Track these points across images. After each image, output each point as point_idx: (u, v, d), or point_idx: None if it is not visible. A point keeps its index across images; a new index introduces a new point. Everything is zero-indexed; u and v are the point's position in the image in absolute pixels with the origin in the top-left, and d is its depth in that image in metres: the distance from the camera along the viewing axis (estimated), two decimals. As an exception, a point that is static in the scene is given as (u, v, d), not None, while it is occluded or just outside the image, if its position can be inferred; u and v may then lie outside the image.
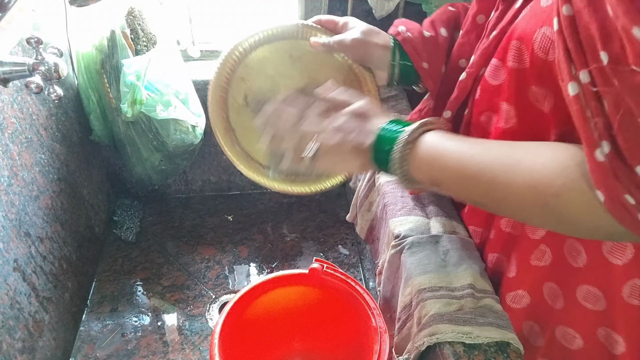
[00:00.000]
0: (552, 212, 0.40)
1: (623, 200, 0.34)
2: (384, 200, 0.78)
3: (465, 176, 0.45)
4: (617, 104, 0.32)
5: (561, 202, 0.39)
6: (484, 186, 0.44)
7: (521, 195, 0.41)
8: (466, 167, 0.45)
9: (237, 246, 1.19)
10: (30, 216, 0.83)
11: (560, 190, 0.39)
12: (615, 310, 0.52)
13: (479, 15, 0.60)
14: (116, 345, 0.96)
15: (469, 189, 0.46)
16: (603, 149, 0.34)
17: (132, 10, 0.97)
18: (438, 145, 0.48)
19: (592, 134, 0.35)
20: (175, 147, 1.03)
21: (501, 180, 0.42)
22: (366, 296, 0.75)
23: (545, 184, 0.39)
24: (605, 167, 0.34)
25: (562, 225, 0.42)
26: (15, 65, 0.69)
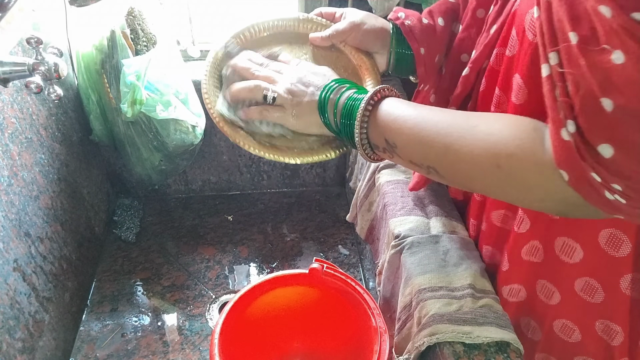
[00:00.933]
0: (505, 174, 0.40)
1: (589, 178, 0.34)
2: (384, 200, 0.78)
3: (420, 139, 0.46)
4: (577, 84, 0.33)
5: (514, 162, 0.39)
6: (439, 148, 0.44)
7: (475, 157, 0.42)
8: (422, 130, 0.46)
9: (237, 246, 1.19)
10: (30, 216, 0.83)
11: (515, 151, 0.39)
12: (613, 302, 0.53)
13: (479, 9, 0.61)
14: (116, 345, 0.96)
15: (423, 152, 0.46)
16: (568, 128, 0.34)
17: (132, 10, 0.97)
18: (395, 109, 0.49)
19: (558, 113, 0.35)
20: (175, 147, 1.03)
21: (456, 142, 0.43)
22: (366, 296, 0.75)
23: (499, 145, 0.40)
24: (570, 146, 0.35)
25: (512, 191, 0.42)
26: (15, 65, 0.69)
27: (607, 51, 0.30)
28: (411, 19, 0.64)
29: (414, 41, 0.64)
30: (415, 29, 0.64)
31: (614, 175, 0.33)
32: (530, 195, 0.41)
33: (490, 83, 0.56)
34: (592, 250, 0.52)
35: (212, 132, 1.19)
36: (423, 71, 0.66)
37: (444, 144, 0.44)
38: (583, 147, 0.34)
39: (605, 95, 0.31)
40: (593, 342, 0.57)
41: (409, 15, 0.65)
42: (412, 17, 0.65)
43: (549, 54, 0.35)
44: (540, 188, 0.39)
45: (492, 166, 0.41)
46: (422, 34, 0.64)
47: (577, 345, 0.58)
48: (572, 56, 0.33)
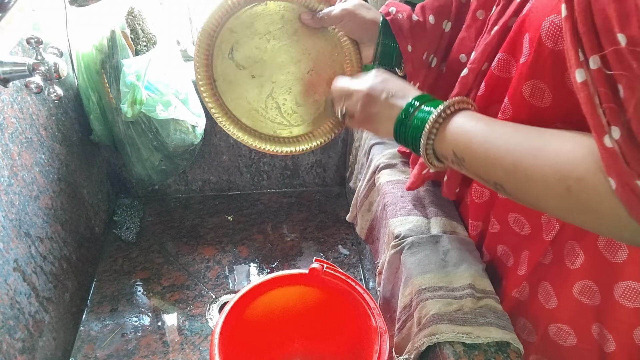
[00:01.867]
0: (574, 197, 0.39)
1: (633, 186, 0.33)
2: (384, 200, 0.78)
3: (488, 154, 0.45)
4: (632, 87, 0.32)
5: (584, 187, 0.38)
6: (508, 166, 0.43)
7: (544, 178, 0.40)
8: (491, 146, 0.45)
9: (237, 246, 1.19)
10: (30, 216, 0.83)
11: (585, 175, 0.37)
12: (607, 308, 0.53)
13: (479, 10, 0.60)
14: (116, 345, 0.96)
15: (491, 168, 0.45)
16: (612, 135, 0.34)
17: (132, 10, 0.97)
18: (465, 123, 0.48)
19: (600, 120, 0.34)
20: (175, 147, 1.03)
21: (525, 161, 0.42)
22: (366, 296, 0.75)
23: (569, 167, 0.38)
24: (614, 153, 0.34)
25: (584, 217, 0.40)
26: (15, 65, 0.69)
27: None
28: (402, 13, 0.65)
29: (402, 38, 0.64)
30: (404, 26, 0.64)
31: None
32: (601, 222, 0.39)
33: (491, 89, 0.56)
34: (592, 254, 0.52)
35: (212, 132, 1.19)
36: (411, 68, 0.66)
37: (512, 161, 0.43)
38: (630, 152, 0.33)
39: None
40: (589, 346, 0.57)
41: (400, 10, 0.65)
42: (402, 12, 0.65)
43: (590, 58, 0.34)
44: (613, 216, 0.37)
45: (562, 189, 0.39)
46: (411, 31, 0.64)
47: (571, 349, 0.58)
48: (624, 59, 0.32)
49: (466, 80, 0.58)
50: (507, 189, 0.45)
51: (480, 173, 0.47)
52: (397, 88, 0.55)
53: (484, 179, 0.47)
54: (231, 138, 1.21)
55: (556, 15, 0.43)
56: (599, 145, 0.35)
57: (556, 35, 0.44)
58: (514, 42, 0.51)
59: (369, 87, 0.56)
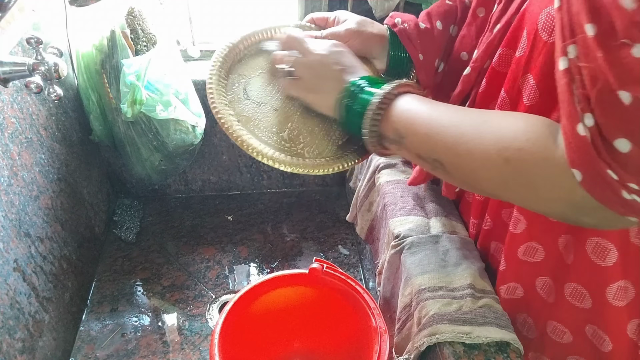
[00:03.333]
0: (512, 169, 0.39)
1: (605, 176, 0.33)
2: (384, 200, 0.78)
3: (430, 129, 0.45)
4: (594, 78, 0.32)
5: (523, 156, 0.38)
6: (448, 140, 0.44)
7: (483, 150, 0.41)
8: (433, 121, 0.45)
9: (237, 246, 1.19)
10: (30, 216, 0.83)
11: (524, 145, 0.38)
12: (600, 311, 0.53)
13: (479, 8, 0.61)
14: (116, 345, 0.96)
15: (432, 144, 0.45)
16: (585, 122, 0.33)
17: (132, 10, 0.97)
18: (409, 103, 0.48)
19: (575, 107, 0.34)
20: (175, 147, 1.03)
21: (467, 134, 0.42)
22: (366, 296, 0.75)
23: (509, 137, 0.39)
24: (586, 141, 0.33)
25: (519, 189, 0.40)
26: (15, 65, 0.69)
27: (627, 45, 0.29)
28: (408, 23, 0.64)
29: (412, 48, 0.63)
30: (412, 35, 0.63)
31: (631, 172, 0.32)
32: (537, 194, 0.39)
33: (491, 84, 0.56)
34: (580, 256, 0.51)
35: (212, 132, 1.19)
36: (424, 76, 0.65)
37: (453, 136, 0.43)
38: (599, 142, 0.33)
39: (623, 87, 0.30)
40: (584, 344, 0.57)
41: (405, 20, 0.64)
42: (409, 22, 0.64)
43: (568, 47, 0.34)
44: (548, 187, 0.38)
45: (501, 160, 0.39)
46: (421, 40, 0.64)
47: (569, 345, 0.58)
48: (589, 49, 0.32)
49: (469, 79, 0.59)
50: (446, 165, 0.45)
51: (420, 151, 0.47)
52: (349, 64, 0.55)
53: (423, 158, 0.47)
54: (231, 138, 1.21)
55: (552, 7, 0.43)
56: (570, 134, 0.35)
57: (551, 27, 0.44)
58: (513, 37, 0.51)
59: (327, 52, 0.55)
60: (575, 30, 0.34)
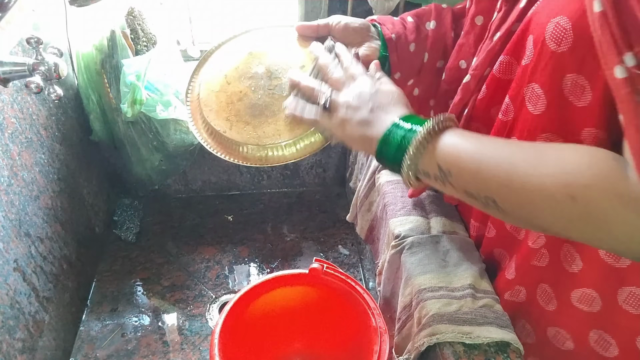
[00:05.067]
0: (580, 208, 0.36)
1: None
2: (384, 200, 0.78)
3: (479, 166, 0.42)
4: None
5: (592, 194, 0.35)
6: (501, 177, 0.40)
7: (544, 187, 0.37)
8: (482, 156, 0.42)
9: (237, 246, 1.19)
10: (30, 216, 0.83)
11: (592, 181, 0.35)
12: (609, 313, 0.52)
13: (478, 16, 0.60)
14: (116, 345, 0.96)
15: (482, 181, 0.42)
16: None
17: (132, 10, 0.97)
18: (453, 138, 0.45)
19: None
20: (175, 147, 1.03)
21: (521, 170, 0.39)
22: (366, 296, 0.75)
23: (574, 174, 0.35)
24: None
25: (589, 228, 0.37)
26: (15, 65, 0.69)
27: None
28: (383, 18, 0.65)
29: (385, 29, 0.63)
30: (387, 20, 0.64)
31: None
32: (609, 234, 0.36)
33: (492, 90, 0.56)
34: (591, 260, 0.51)
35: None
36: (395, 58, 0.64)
37: (507, 172, 0.40)
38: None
39: None
40: (585, 352, 0.56)
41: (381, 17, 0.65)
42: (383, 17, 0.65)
43: (625, 56, 0.32)
44: (623, 225, 0.35)
45: (565, 198, 0.36)
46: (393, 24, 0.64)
47: (569, 353, 0.58)
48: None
49: (468, 87, 0.58)
50: (500, 203, 0.42)
51: (469, 187, 0.44)
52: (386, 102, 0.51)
53: (473, 195, 0.44)
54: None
55: (562, 17, 0.43)
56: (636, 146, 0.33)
57: (560, 37, 0.43)
58: (517, 45, 0.50)
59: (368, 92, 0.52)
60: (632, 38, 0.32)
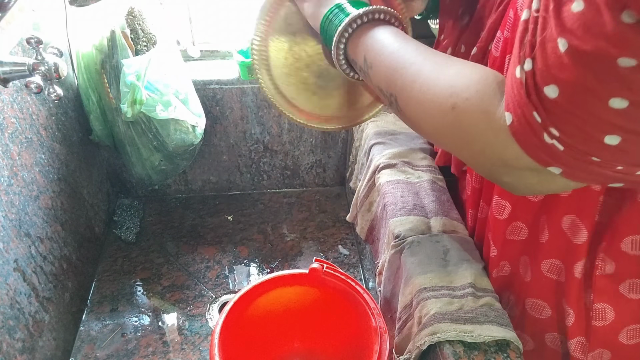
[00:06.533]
0: (456, 117, 0.40)
1: (530, 119, 0.34)
2: (384, 200, 0.78)
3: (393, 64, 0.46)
4: (544, 26, 0.33)
5: (468, 107, 0.39)
6: (406, 77, 0.44)
7: (435, 92, 0.41)
8: (398, 57, 0.46)
9: (237, 246, 1.19)
10: (30, 216, 0.83)
11: (473, 95, 0.39)
12: (569, 285, 0.56)
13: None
14: (116, 345, 0.96)
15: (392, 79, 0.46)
16: (524, 66, 0.35)
17: (132, 10, 0.97)
18: (384, 34, 0.48)
19: (520, 52, 0.35)
20: (175, 147, 1.03)
21: (424, 75, 0.43)
22: (366, 296, 0.75)
23: (462, 86, 0.39)
24: (520, 83, 0.35)
25: (457, 138, 0.41)
26: (15, 65, 0.69)
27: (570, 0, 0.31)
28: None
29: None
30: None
31: (554, 118, 0.33)
32: (472, 145, 0.40)
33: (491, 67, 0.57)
34: (556, 233, 0.54)
35: (212, 132, 1.19)
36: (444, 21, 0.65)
37: (412, 74, 0.44)
38: (532, 86, 0.34)
39: (561, 35, 0.31)
40: (558, 319, 0.59)
41: None
42: None
43: (533, 1, 0.35)
44: (484, 137, 0.39)
45: (448, 106, 0.40)
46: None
47: (546, 321, 0.60)
48: (546, 2, 0.33)
49: (476, 59, 0.60)
50: (399, 101, 0.46)
51: (381, 83, 0.48)
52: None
53: (383, 91, 0.48)
54: (232, 138, 1.21)
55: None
56: (510, 76, 0.36)
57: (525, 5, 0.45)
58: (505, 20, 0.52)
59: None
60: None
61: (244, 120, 1.19)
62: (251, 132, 1.21)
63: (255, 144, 1.24)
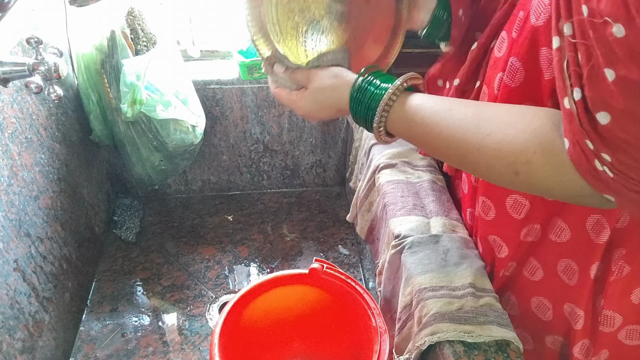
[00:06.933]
0: (524, 178, 0.41)
1: (583, 145, 0.35)
2: (384, 200, 0.78)
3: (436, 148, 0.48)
4: (589, 55, 0.34)
5: (531, 169, 0.40)
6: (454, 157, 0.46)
7: (490, 166, 0.43)
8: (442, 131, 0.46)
9: (237, 246, 1.19)
10: (30, 216, 0.83)
11: (532, 158, 0.40)
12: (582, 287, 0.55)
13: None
14: (116, 345, 0.96)
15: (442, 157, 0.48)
16: (573, 96, 0.35)
17: (132, 10, 0.97)
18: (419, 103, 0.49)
19: (565, 82, 0.36)
20: (175, 147, 1.03)
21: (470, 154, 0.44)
22: (366, 296, 0.75)
23: (515, 155, 0.41)
24: (571, 113, 0.36)
25: (534, 190, 0.44)
26: (15, 65, 0.69)
27: (609, 24, 0.31)
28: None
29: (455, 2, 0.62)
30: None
31: (606, 144, 0.34)
32: (550, 192, 0.42)
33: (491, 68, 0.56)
34: (579, 232, 0.54)
35: (212, 132, 1.19)
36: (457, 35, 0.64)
37: (458, 155, 0.46)
38: (583, 114, 0.35)
39: (608, 66, 0.32)
40: (561, 323, 0.59)
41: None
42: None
43: (564, 25, 0.36)
44: (550, 182, 0.40)
45: (511, 173, 0.42)
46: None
47: (547, 323, 0.60)
48: (584, 28, 0.34)
49: (475, 55, 0.59)
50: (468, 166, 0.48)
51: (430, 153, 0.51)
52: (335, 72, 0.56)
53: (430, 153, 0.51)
54: (231, 138, 1.21)
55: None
56: (561, 107, 0.37)
57: (539, 11, 0.45)
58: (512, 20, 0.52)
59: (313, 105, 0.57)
60: (572, 10, 0.35)
61: (244, 120, 1.19)
62: (251, 132, 1.21)
63: (255, 144, 1.24)
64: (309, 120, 0.56)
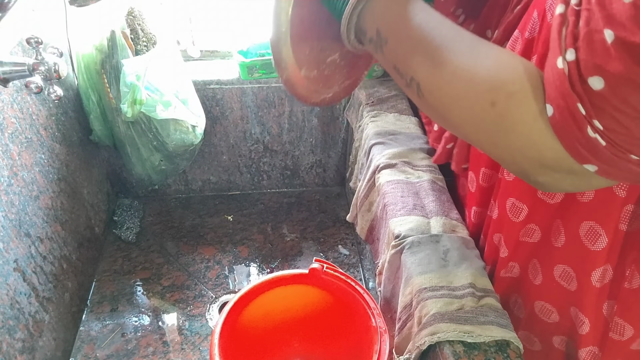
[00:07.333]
0: (496, 114, 0.36)
1: (574, 110, 0.33)
2: (384, 200, 0.78)
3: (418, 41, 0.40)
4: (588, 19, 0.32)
5: (511, 104, 0.36)
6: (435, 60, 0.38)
7: (472, 84, 0.37)
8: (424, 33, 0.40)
9: (237, 246, 1.19)
10: (30, 216, 0.83)
11: (518, 92, 0.35)
12: (584, 292, 0.55)
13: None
14: (116, 345, 0.96)
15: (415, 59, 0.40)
16: (566, 56, 0.33)
17: (132, 10, 0.97)
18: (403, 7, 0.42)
19: (560, 42, 0.34)
20: (175, 147, 1.03)
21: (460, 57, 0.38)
22: (366, 296, 0.75)
23: (505, 79, 0.36)
24: (562, 74, 0.33)
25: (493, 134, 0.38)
26: (15, 65, 0.69)
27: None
28: None
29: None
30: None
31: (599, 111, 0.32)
32: (511, 143, 0.37)
33: None
34: (572, 239, 0.53)
35: (212, 132, 1.19)
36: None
37: (442, 57, 0.38)
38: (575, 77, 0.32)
39: (608, 26, 0.30)
40: (568, 324, 0.59)
41: None
42: None
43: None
44: (525, 136, 0.36)
45: (486, 101, 0.36)
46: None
47: (554, 325, 0.60)
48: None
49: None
50: (422, 88, 0.40)
51: (399, 62, 0.41)
52: None
53: (400, 72, 0.42)
54: (231, 138, 1.21)
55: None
56: (550, 67, 0.34)
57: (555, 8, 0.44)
58: (525, 20, 0.51)
59: None
60: None
61: (244, 120, 1.19)
62: (251, 132, 1.21)
63: (255, 144, 1.24)
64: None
